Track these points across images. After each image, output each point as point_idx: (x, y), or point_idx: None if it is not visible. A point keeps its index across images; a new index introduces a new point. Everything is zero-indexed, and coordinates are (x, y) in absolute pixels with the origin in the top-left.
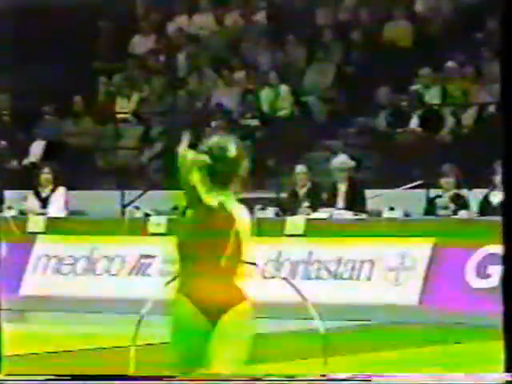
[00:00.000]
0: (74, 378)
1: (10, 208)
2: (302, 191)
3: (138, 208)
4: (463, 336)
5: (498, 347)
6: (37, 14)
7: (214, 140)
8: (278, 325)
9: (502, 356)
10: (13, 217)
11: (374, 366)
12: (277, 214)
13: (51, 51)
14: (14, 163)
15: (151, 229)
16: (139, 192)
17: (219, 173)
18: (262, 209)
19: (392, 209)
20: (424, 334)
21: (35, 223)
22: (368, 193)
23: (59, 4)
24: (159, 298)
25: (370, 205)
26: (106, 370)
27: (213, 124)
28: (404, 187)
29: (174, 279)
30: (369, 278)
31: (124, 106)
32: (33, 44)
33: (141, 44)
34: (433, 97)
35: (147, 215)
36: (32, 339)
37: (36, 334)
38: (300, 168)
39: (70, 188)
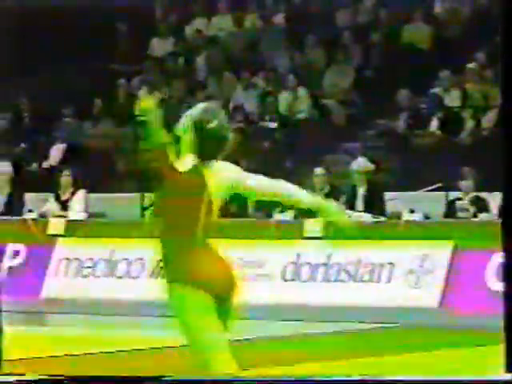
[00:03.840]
0: (74, 378)
1: (30, 211)
2: (320, 194)
3: None
4: (483, 339)
5: None
6: (57, 16)
7: (200, 108)
8: (301, 327)
9: None
10: (33, 219)
11: (393, 368)
12: (295, 217)
13: (70, 53)
14: (35, 166)
15: None
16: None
17: (198, 142)
18: (281, 211)
19: (412, 211)
20: (444, 336)
21: (55, 226)
22: (387, 195)
23: (79, 6)
24: None
25: (390, 207)
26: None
27: (232, 126)
28: (424, 190)
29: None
30: (389, 281)
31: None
32: (52, 46)
33: (159, 46)
34: (453, 99)
35: None
36: (53, 341)
37: (56, 336)
38: (319, 170)
39: (89, 191)
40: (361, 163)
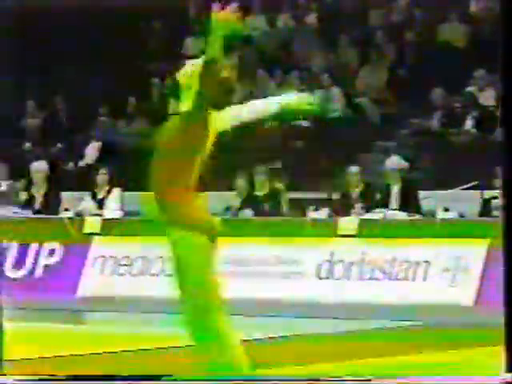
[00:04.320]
0: (75, 378)
1: (66, 209)
2: (354, 192)
3: None
4: None
5: None
6: (94, 16)
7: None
8: (336, 325)
9: None
10: (70, 218)
11: (427, 367)
12: (329, 215)
13: (105, 53)
14: (71, 165)
15: None
16: None
17: (206, 88)
18: (315, 209)
19: (447, 210)
20: (479, 335)
21: (91, 224)
22: (422, 194)
23: (113, 6)
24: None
25: (424, 206)
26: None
27: (266, 125)
28: (459, 188)
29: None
30: (424, 279)
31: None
32: (88, 46)
33: (193, 46)
34: (487, 98)
35: None
36: (89, 339)
37: (93, 334)
38: (353, 169)
39: (125, 189)
40: (395, 162)
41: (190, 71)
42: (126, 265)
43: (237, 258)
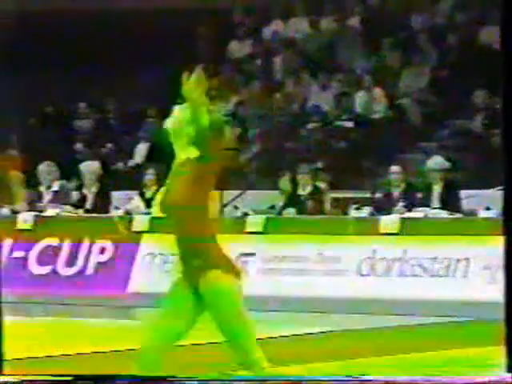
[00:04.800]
0: (75, 377)
1: (117, 208)
2: (396, 191)
3: (236, 207)
4: None
5: None
6: (143, 19)
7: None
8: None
9: None
10: (119, 217)
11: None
12: (372, 214)
13: (153, 56)
14: (120, 165)
15: (249, 227)
16: (237, 192)
17: (199, 134)
18: (358, 208)
19: (488, 209)
20: None
21: (140, 223)
22: (463, 193)
23: (159, 9)
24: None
25: (466, 205)
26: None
27: (309, 126)
28: (500, 188)
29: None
30: (465, 276)
31: (222, 109)
32: (136, 49)
33: (238, 49)
34: None
35: (246, 214)
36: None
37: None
38: (395, 169)
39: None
40: (437, 162)
41: (177, 119)
42: (173, 262)
43: (280, 256)
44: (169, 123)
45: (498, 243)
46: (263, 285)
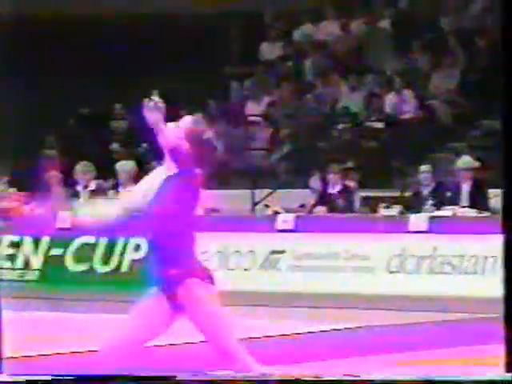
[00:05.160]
0: (75, 378)
1: None
2: (426, 190)
3: (267, 206)
4: None
5: None
6: (174, 22)
7: (191, 119)
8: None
9: None
10: None
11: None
12: (401, 212)
13: (186, 58)
14: (155, 164)
15: (280, 225)
16: (269, 191)
17: (193, 150)
18: (387, 207)
19: None
20: None
21: None
22: (492, 192)
23: (194, 13)
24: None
25: (494, 204)
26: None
27: (339, 126)
28: None
29: None
30: (494, 273)
31: (254, 110)
32: (170, 52)
33: (269, 51)
34: None
35: (276, 213)
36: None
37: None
38: (424, 168)
39: (206, 187)
40: (466, 162)
41: (173, 133)
42: (204, 259)
43: (310, 253)
44: (162, 138)
45: None
46: (293, 282)
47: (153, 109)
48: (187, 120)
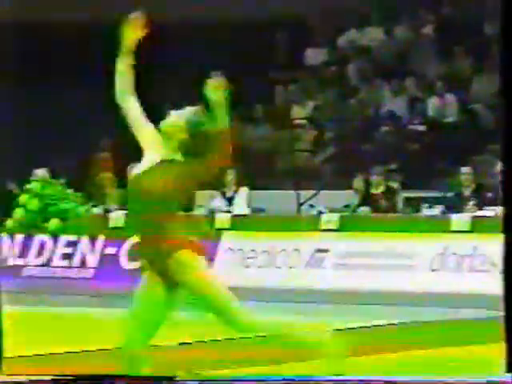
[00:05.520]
0: (75, 378)
1: (200, 207)
2: (467, 191)
3: (312, 206)
4: None
5: None
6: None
7: (192, 110)
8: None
9: None
10: (203, 215)
11: None
12: (443, 212)
13: (233, 63)
14: None
15: (324, 225)
16: (313, 191)
17: (191, 141)
18: (430, 207)
19: None
20: None
21: (221, 220)
22: None
23: (244, 20)
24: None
25: None
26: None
27: (383, 129)
28: None
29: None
30: None
31: (299, 113)
32: (216, 57)
33: (314, 56)
34: None
35: (321, 213)
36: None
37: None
38: (465, 169)
39: (251, 188)
40: None
41: (174, 122)
42: (251, 257)
43: (354, 252)
44: (162, 124)
45: None
46: (337, 279)
47: (217, 86)
48: (187, 110)
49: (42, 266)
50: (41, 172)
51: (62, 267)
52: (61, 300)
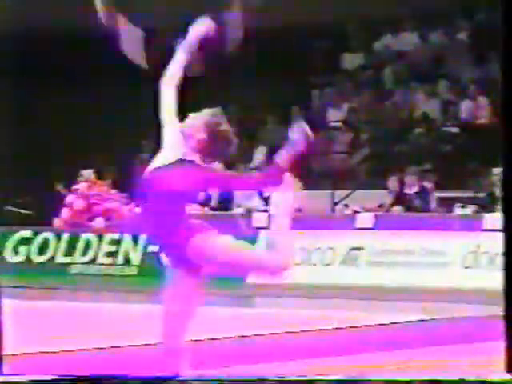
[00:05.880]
0: (75, 378)
1: (238, 206)
2: (499, 191)
3: (347, 205)
4: None
5: None
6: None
7: (211, 111)
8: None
9: None
10: (241, 214)
11: None
12: (476, 212)
13: (270, 68)
14: (242, 167)
15: (359, 224)
16: (348, 191)
17: (208, 142)
18: (462, 206)
19: None
20: None
21: (259, 219)
22: None
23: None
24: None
25: None
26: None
27: (417, 131)
28: None
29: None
30: None
31: (335, 115)
32: (257, 63)
33: (351, 60)
34: None
35: (355, 212)
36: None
37: (262, 316)
38: (497, 170)
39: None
40: None
41: (193, 123)
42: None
43: (388, 249)
44: (182, 125)
45: None
46: (372, 276)
47: (301, 135)
48: (206, 112)
49: (88, 263)
50: (87, 173)
51: (107, 264)
52: (105, 296)
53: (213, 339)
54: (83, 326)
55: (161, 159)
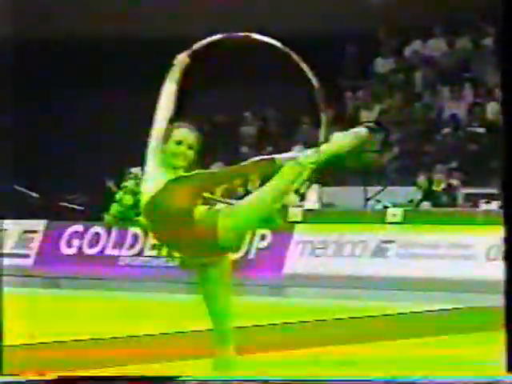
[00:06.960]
0: (75, 378)
1: None
2: None
3: (378, 201)
4: None
5: None
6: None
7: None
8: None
9: None
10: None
11: None
12: (500, 207)
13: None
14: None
15: (389, 218)
16: (380, 188)
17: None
18: (487, 202)
19: None
20: None
21: (294, 214)
22: None
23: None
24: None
25: None
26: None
27: (444, 131)
28: None
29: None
30: None
31: (367, 117)
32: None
33: (382, 65)
34: None
35: (386, 207)
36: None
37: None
38: None
39: (323, 184)
40: None
41: (184, 138)
42: (322, 248)
43: (416, 242)
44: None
45: None
46: (401, 267)
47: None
48: (185, 127)
49: (135, 255)
50: (135, 170)
51: (152, 257)
52: (151, 286)
53: (256, 326)
54: (130, 315)
55: (155, 183)
